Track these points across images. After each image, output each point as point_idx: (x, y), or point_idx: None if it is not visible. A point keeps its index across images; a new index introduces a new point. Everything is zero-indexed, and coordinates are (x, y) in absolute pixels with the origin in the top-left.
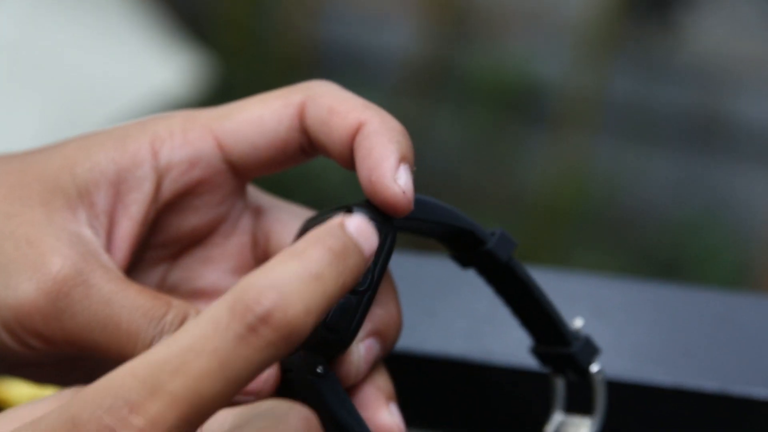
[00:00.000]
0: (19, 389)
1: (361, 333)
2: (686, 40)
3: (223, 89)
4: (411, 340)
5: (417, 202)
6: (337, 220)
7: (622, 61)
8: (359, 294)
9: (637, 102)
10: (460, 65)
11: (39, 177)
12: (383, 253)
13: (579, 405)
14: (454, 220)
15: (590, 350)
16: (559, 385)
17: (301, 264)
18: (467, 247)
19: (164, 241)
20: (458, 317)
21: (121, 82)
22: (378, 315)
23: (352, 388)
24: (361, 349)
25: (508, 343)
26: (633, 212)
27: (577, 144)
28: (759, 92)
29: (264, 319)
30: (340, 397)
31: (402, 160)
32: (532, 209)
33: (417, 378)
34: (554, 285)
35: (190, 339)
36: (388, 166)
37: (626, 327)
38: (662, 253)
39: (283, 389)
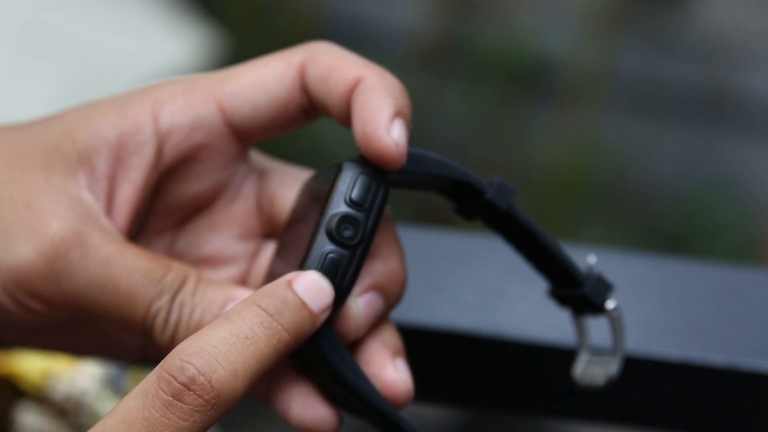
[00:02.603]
0: (31, 362)
1: (361, 287)
2: (695, 14)
3: (232, 64)
4: (420, 314)
5: (410, 155)
6: (285, 278)
7: (631, 35)
8: (351, 248)
9: (645, 76)
10: (469, 40)
11: (40, 143)
12: (375, 207)
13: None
14: (449, 172)
15: (603, 287)
16: (583, 325)
17: (230, 327)
18: (467, 199)
19: (168, 208)
20: (467, 291)
21: (130, 56)
22: (379, 269)
23: (357, 344)
24: (360, 304)
25: (518, 317)
26: (640, 187)
27: (585, 119)
28: (767, 67)
29: (187, 385)
30: (340, 352)
31: (397, 114)
32: (540, 184)
33: (426, 352)
34: None
35: (124, 411)
36: (382, 118)
37: (634, 301)
38: (669, 228)
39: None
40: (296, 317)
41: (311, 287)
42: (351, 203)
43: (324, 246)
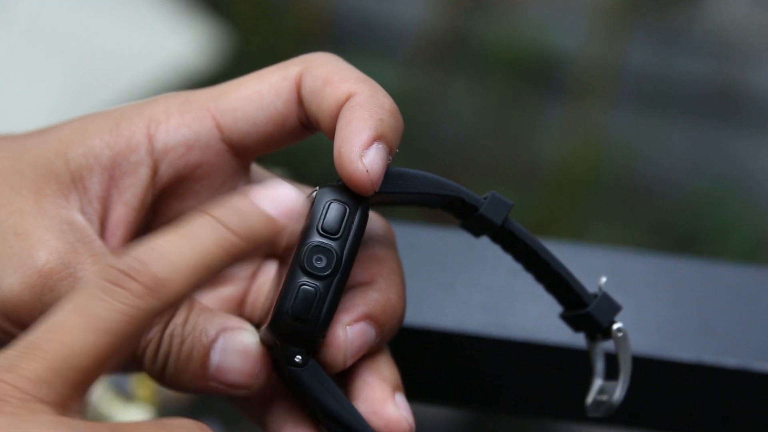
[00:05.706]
0: None
1: (352, 316)
2: (705, 10)
3: (238, 59)
4: (428, 315)
5: (392, 175)
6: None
7: (640, 31)
8: (325, 279)
9: (654, 72)
10: (476, 35)
11: (32, 163)
12: (351, 234)
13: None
14: (437, 189)
15: (609, 307)
16: (597, 350)
17: (176, 230)
18: (463, 214)
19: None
20: (476, 291)
21: (137, 52)
22: (373, 299)
23: (354, 379)
24: (350, 333)
25: (527, 318)
26: (650, 184)
27: (594, 115)
28: None
29: (125, 272)
30: (324, 384)
31: (378, 138)
32: (548, 181)
33: (434, 353)
34: (573, 259)
35: (71, 302)
36: (358, 141)
37: (647, 302)
38: (679, 225)
39: (283, 383)
40: (248, 220)
41: (273, 196)
42: (323, 232)
43: (298, 278)
